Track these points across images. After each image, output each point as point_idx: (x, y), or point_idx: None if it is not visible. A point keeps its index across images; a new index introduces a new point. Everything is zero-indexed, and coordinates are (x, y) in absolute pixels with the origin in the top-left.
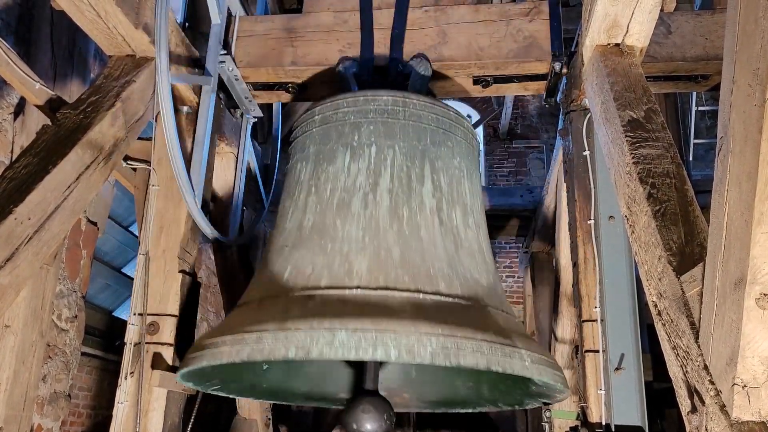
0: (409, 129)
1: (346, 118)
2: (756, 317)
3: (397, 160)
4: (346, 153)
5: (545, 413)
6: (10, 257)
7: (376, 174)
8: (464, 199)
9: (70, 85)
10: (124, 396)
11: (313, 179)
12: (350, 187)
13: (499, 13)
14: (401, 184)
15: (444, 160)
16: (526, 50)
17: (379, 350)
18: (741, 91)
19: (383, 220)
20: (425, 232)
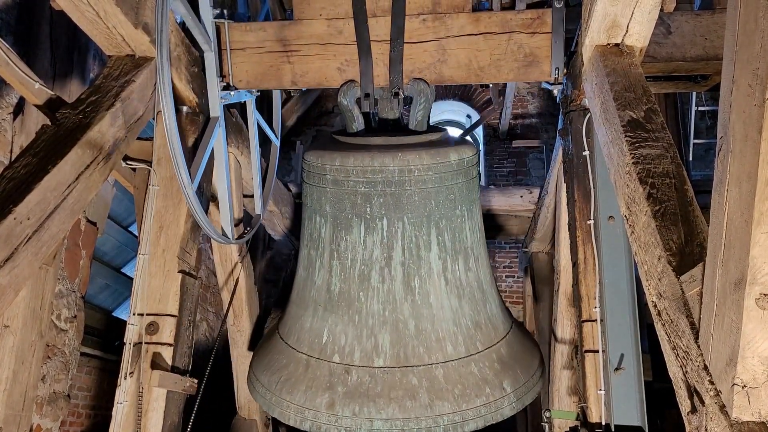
0: (415, 197)
1: (357, 189)
2: (756, 317)
3: (406, 232)
4: (360, 225)
5: (545, 413)
6: (10, 257)
7: (389, 248)
8: (465, 245)
9: (69, 84)
10: (123, 396)
11: (334, 243)
12: (368, 260)
13: (500, 23)
14: (411, 255)
15: (447, 217)
16: (526, 71)
17: None
18: (741, 91)
19: (399, 293)
20: (434, 297)
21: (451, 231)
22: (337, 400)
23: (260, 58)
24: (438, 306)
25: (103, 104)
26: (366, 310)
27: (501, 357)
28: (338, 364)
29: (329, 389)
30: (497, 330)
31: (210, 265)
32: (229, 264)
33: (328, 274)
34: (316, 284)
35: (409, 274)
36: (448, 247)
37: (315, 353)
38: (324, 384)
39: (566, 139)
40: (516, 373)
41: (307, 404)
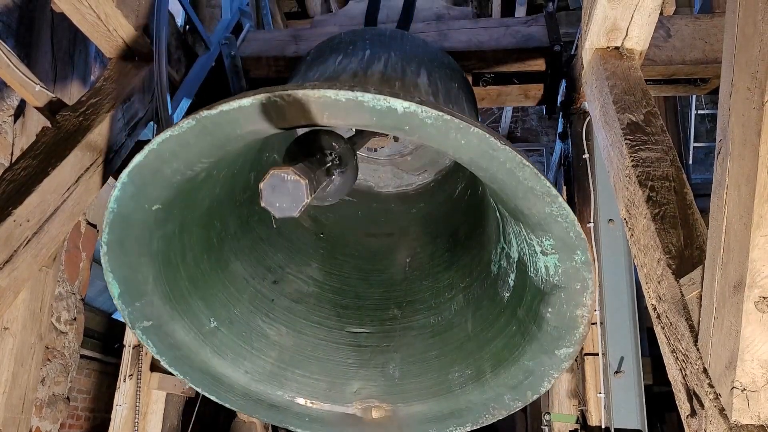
0: (406, 46)
1: (342, 38)
2: (755, 320)
3: (391, 59)
4: (338, 56)
5: (545, 416)
6: (9, 259)
7: (368, 63)
8: (462, 106)
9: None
10: (122, 398)
11: (302, 77)
12: (339, 69)
13: (498, 22)
14: (395, 71)
15: (442, 78)
16: (525, 42)
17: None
18: (740, 95)
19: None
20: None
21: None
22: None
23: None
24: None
25: (104, 106)
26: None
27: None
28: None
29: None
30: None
31: None
32: None
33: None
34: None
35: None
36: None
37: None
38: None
39: (566, 142)
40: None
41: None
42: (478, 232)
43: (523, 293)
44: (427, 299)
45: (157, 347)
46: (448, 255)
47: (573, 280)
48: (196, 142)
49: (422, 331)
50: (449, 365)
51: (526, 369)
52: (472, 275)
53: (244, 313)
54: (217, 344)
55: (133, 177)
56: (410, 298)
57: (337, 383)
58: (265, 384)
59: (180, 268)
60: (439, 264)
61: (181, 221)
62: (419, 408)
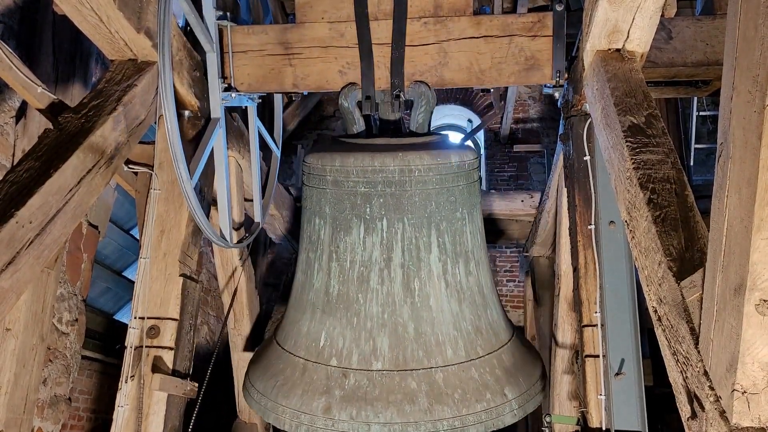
0: (415, 198)
1: (357, 189)
2: (756, 323)
3: (406, 233)
4: (360, 226)
5: (545, 418)
6: (12, 261)
7: (389, 249)
8: (466, 248)
9: (72, 89)
10: (124, 399)
11: (333, 245)
12: (367, 261)
13: (500, 27)
14: (411, 257)
15: (448, 219)
16: (527, 74)
17: None
18: (741, 97)
19: (398, 295)
20: (434, 300)
21: (452, 233)
22: (334, 404)
23: (262, 61)
24: (438, 309)
25: (105, 108)
26: (365, 312)
27: (502, 363)
28: (336, 368)
29: (326, 393)
30: (498, 336)
31: (211, 269)
32: (230, 268)
33: (327, 276)
34: (314, 287)
35: (409, 276)
36: (449, 250)
37: (312, 357)
38: (321, 388)
39: (567, 143)
40: (518, 381)
41: (304, 408)
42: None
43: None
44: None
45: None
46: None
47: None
48: None
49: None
50: None
51: None
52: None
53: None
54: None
55: None
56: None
57: None
58: None
59: None
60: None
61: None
62: None
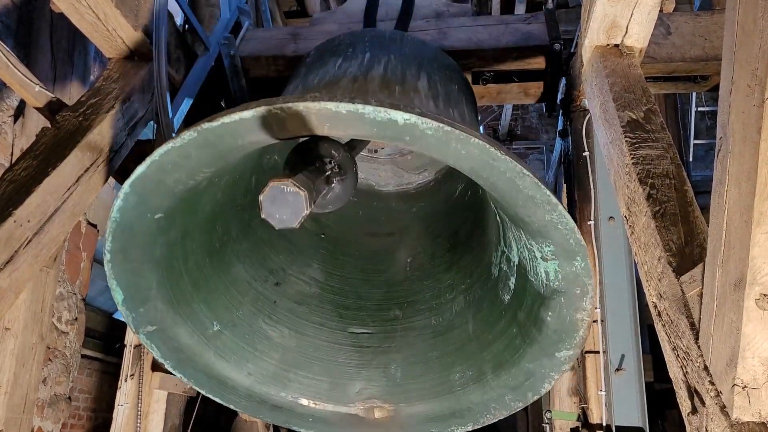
0: (406, 49)
1: (342, 40)
2: (756, 318)
3: (391, 62)
4: (338, 60)
5: (546, 414)
6: (10, 260)
7: (368, 67)
8: (462, 108)
9: (69, 87)
10: (124, 398)
11: (301, 81)
12: (339, 74)
13: (497, 20)
14: (395, 75)
15: (442, 80)
16: (525, 40)
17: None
18: (740, 92)
19: (373, 90)
20: (418, 102)
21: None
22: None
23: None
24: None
25: (103, 106)
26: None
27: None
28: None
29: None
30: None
31: None
32: None
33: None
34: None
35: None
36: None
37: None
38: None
39: (566, 139)
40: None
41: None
42: (479, 234)
43: (523, 296)
44: (428, 300)
45: (161, 351)
46: (448, 255)
47: (573, 285)
48: (198, 153)
49: (423, 332)
50: (451, 366)
51: (526, 371)
52: (473, 277)
53: (247, 316)
54: (220, 347)
55: (135, 187)
56: (411, 298)
57: (339, 384)
58: (268, 385)
59: (183, 273)
60: (440, 264)
61: (184, 228)
62: (421, 408)
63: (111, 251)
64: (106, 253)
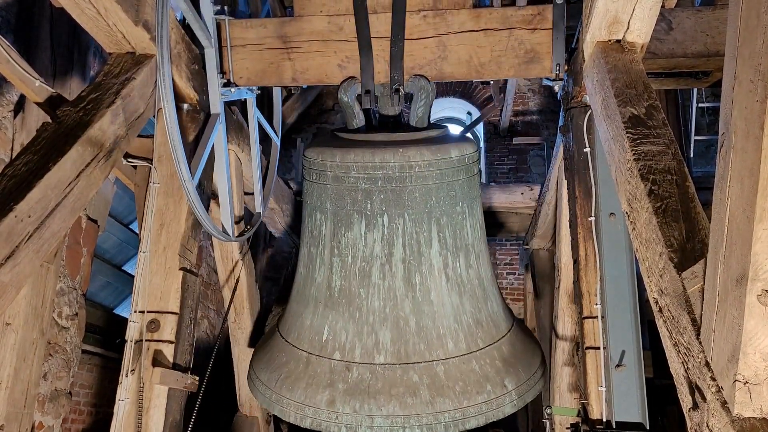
0: (416, 194)
1: (358, 185)
2: (758, 314)
3: (407, 229)
4: (361, 222)
5: (546, 410)
6: (11, 255)
7: (390, 244)
8: (466, 242)
9: (70, 82)
10: (125, 393)
11: (335, 240)
12: (368, 257)
13: (500, 19)
14: (412, 252)
15: (448, 214)
16: (526, 67)
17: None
18: (743, 87)
19: (399, 290)
20: (435, 294)
21: (452, 228)
22: (338, 397)
23: (260, 55)
24: (439, 303)
25: (104, 102)
26: (366, 306)
27: (502, 355)
28: (339, 361)
29: (330, 386)
30: (498, 328)
31: (211, 263)
32: (230, 262)
33: (329, 271)
34: (317, 281)
35: (410, 270)
36: (449, 244)
37: (315, 350)
38: (324, 381)
39: (567, 135)
40: (517, 371)
41: (308, 401)
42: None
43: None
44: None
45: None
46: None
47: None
48: None
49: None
50: None
51: None
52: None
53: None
54: None
55: None
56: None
57: None
58: None
59: None
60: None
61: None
62: None
63: None
64: None
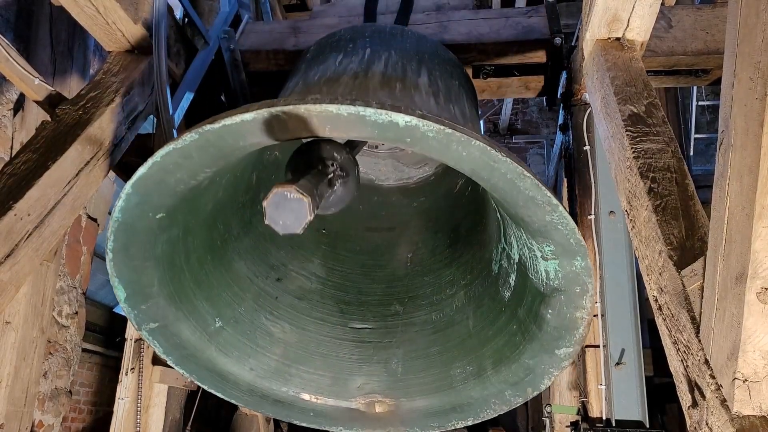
0: (406, 43)
1: (342, 36)
2: (757, 311)
3: (392, 58)
4: (338, 55)
5: (546, 408)
6: (10, 253)
7: (368, 63)
8: (462, 105)
9: (69, 80)
10: (124, 392)
11: (302, 77)
12: (340, 70)
13: (498, 13)
14: (395, 71)
15: (442, 73)
16: (525, 34)
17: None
18: (742, 85)
19: (374, 87)
20: (419, 99)
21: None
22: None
23: (268, 35)
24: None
25: (103, 100)
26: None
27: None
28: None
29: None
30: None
31: None
32: None
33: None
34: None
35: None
36: (441, 87)
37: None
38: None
39: (567, 134)
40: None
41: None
42: (479, 230)
43: (523, 294)
44: (429, 295)
45: (163, 347)
46: (449, 251)
47: (573, 284)
48: (199, 154)
49: (424, 327)
50: (451, 361)
51: (526, 367)
52: (473, 273)
53: (249, 312)
54: (222, 343)
55: (137, 188)
56: (412, 294)
57: (340, 378)
58: (270, 380)
59: (184, 270)
60: (441, 260)
61: (185, 225)
62: (422, 403)
63: (113, 250)
64: (108, 252)
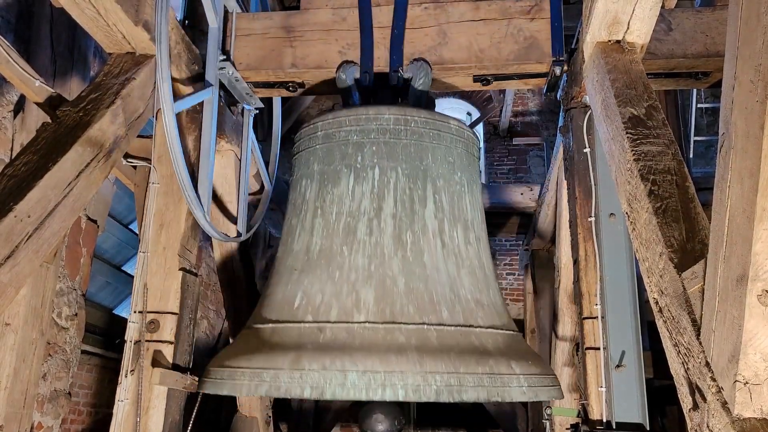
0: (411, 149)
1: (349, 138)
2: (758, 314)
3: (399, 183)
4: (350, 175)
5: (546, 410)
6: (10, 255)
7: (379, 198)
8: (465, 216)
9: (69, 82)
10: (124, 394)
11: (319, 200)
12: (355, 211)
13: (499, 10)
14: (404, 208)
15: (445, 178)
16: (526, 52)
17: (387, 390)
18: (743, 88)
19: (388, 247)
20: (428, 256)
21: (449, 194)
22: (305, 356)
23: (263, 43)
24: (433, 267)
25: (104, 102)
26: (348, 264)
27: (507, 342)
28: (310, 324)
29: (296, 348)
30: (501, 318)
31: (211, 263)
32: (230, 262)
33: (309, 234)
34: (294, 251)
35: (401, 228)
36: (446, 210)
37: (283, 317)
38: (290, 344)
39: (567, 136)
40: (526, 362)
41: (267, 365)
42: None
43: None
44: None
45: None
46: None
47: None
48: None
49: None
50: None
51: None
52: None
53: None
54: None
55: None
56: None
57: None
58: None
59: None
60: None
61: None
62: None
63: None
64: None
